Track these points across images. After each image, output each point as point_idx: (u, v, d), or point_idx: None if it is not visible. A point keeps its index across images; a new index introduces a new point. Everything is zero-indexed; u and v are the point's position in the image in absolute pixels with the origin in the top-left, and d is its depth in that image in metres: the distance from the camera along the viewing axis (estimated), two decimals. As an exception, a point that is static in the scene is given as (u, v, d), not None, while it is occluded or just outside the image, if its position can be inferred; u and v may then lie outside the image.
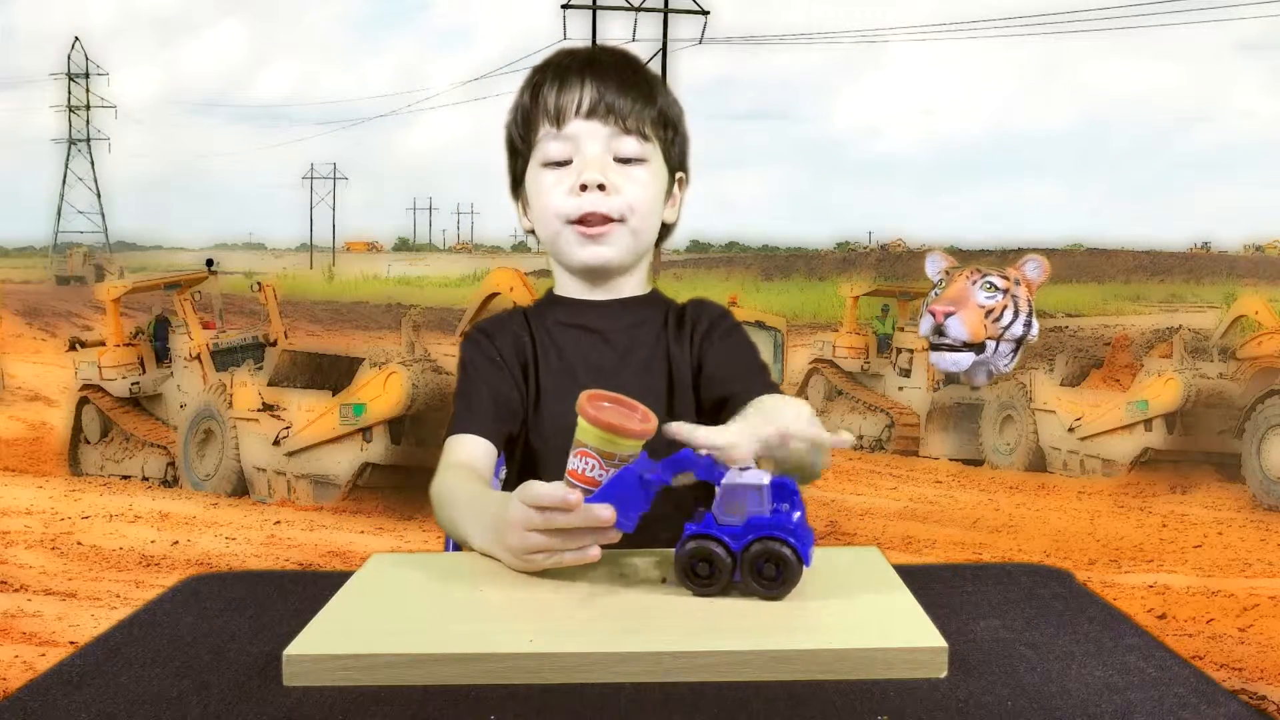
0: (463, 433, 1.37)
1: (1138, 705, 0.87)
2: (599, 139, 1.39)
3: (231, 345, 9.35)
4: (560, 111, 1.39)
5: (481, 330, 1.48)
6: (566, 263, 1.45)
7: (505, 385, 1.42)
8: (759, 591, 1.03)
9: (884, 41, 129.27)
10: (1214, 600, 5.88)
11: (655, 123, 1.42)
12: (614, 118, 1.39)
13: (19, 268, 42.15)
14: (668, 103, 1.45)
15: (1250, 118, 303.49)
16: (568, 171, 1.39)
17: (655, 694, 0.88)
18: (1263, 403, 8.89)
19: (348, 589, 1.11)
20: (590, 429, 1.10)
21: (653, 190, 1.43)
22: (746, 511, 1.03)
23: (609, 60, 1.44)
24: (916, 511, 8.41)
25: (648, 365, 1.45)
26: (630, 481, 1.04)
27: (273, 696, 0.90)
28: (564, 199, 1.39)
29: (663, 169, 1.45)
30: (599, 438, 1.09)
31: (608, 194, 1.38)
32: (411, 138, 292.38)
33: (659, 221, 1.47)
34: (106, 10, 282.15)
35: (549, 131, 1.40)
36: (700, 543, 1.04)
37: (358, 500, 8.25)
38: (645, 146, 1.41)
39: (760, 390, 1.36)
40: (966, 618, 1.06)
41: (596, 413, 1.09)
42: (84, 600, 5.81)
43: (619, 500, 1.04)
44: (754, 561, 1.03)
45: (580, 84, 1.39)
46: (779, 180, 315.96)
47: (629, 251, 1.43)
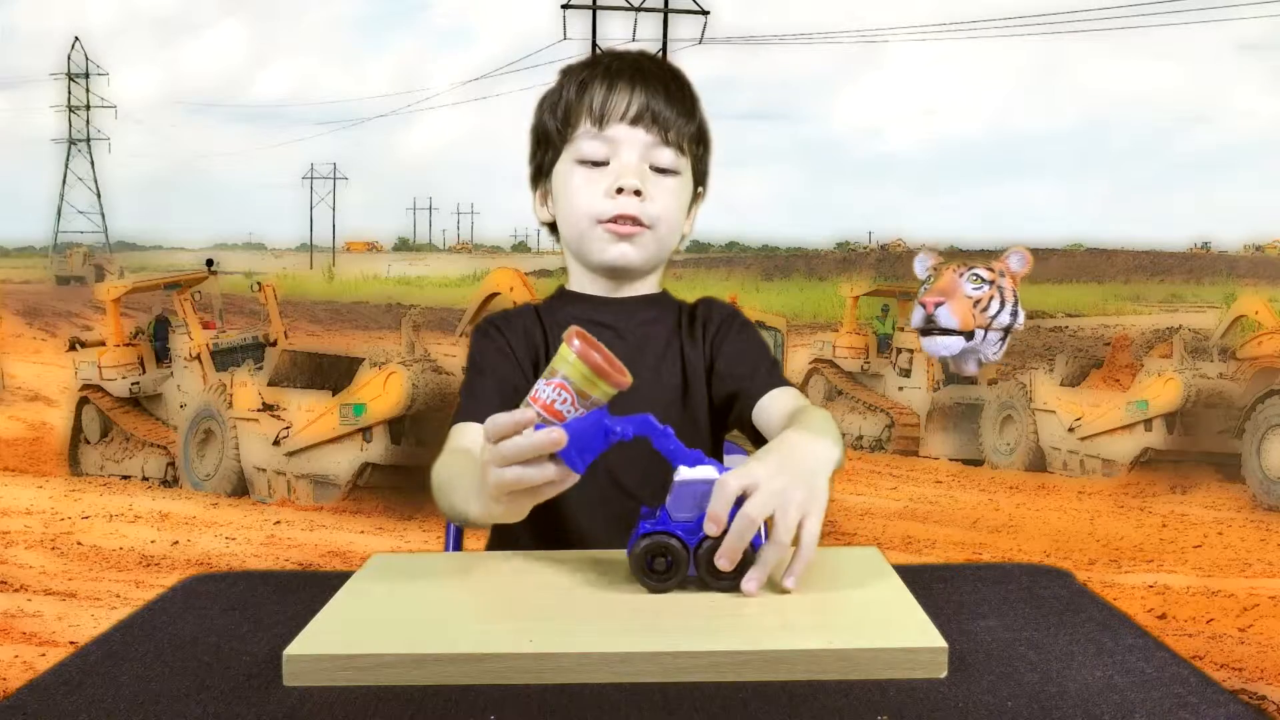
0: (467, 420, 1.37)
1: (1138, 705, 0.87)
2: (638, 146, 1.40)
3: (231, 345, 9.35)
4: (606, 113, 1.40)
5: (492, 323, 1.49)
6: (591, 260, 1.45)
7: (514, 376, 1.42)
8: (716, 585, 1.05)
9: (884, 41, 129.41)
10: (1214, 600, 5.88)
11: (692, 138, 1.45)
12: (657, 128, 1.40)
13: (19, 268, 42.14)
14: (704, 119, 1.48)
15: (1250, 118, 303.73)
16: (603, 173, 1.40)
17: (655, 694, 0.88)
18: (1263, 403, 8.89)
19: (348, 589, 1.11)
20: (577, 364, 1.06)
21: (680, 202, 1.45)
22: (699, 508, 1.04)
23: (657, 70, 1.45)
24: (916, 511, 8.41)
25: (661, 361, 1.46)
26: (596, 426, 1.03)
27: (273, 696, 0.90)
28: (598, 200, 1.40)
29: (689, 183, 1.47)
30: (582, 375, 1.06)
31: (642, 200, 1.39)
32: (411, 138, 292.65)
33: (680, 233, 1.48)
34: (106, 10, 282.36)
35: (589, 130, 1.41)
36: (656, 538, 1.05)
37: (358, 500, 8.25)
38: (680, 160, 1.43)
39: (770, 385, 1.39)
40: (966, 618, 1.06)
41: (588, 349, 1.06)
42: (84, 600, 5.81)
43: (582, 441, 1.02)
44: (708, 556, 1.04)
45: (630, 89, 1.41)
46: (779, 180, 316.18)
47: (652, 257, 1.45)
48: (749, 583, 1.03)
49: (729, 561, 1.03)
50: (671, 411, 1.43)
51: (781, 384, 1.42)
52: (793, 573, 1.04)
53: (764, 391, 1.40)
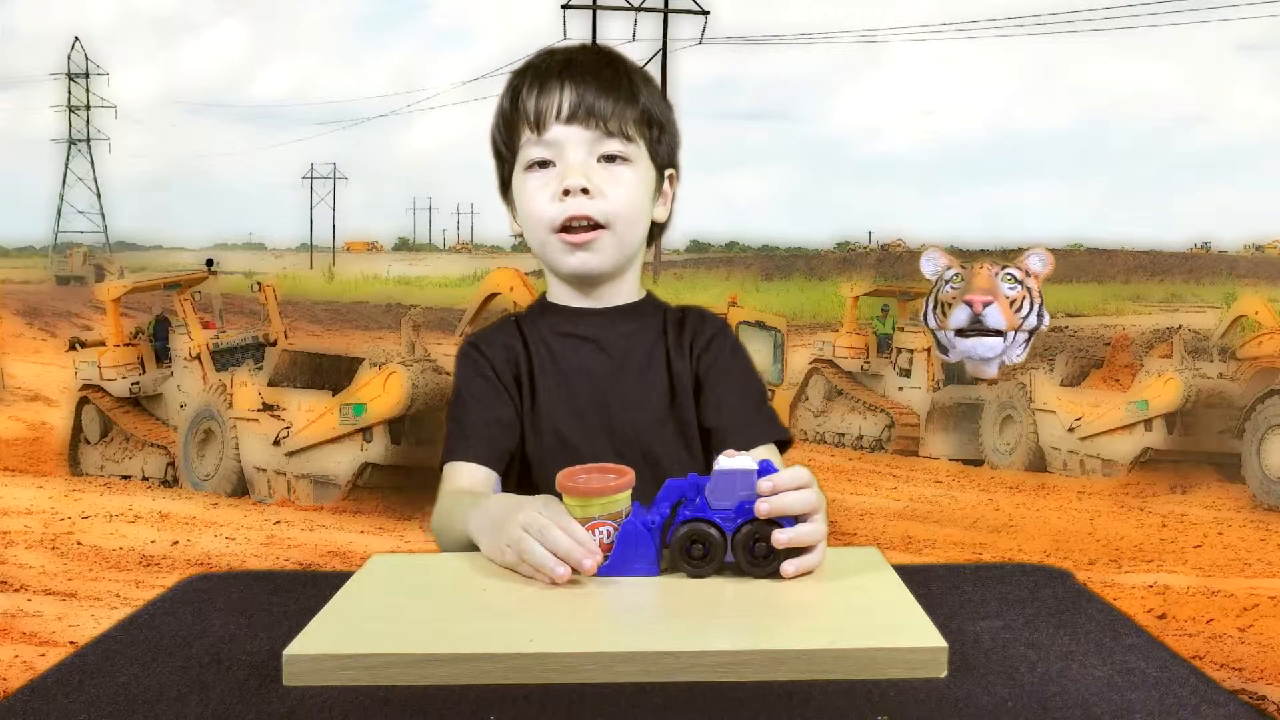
0: (459, 460, 1.37)
1: (1138, 705, 0.87)
2: (581, 143, 1.37)
3: (231, 345, 9.35)
4: (540, 117, 1.37)
5: (474, 345, 1.47)
6: (555, 270, 1.44)
7: (500, 404, 1.41)
8: (751, 571, 1.08)
9: (884, 41, 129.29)
10: (1214, 600, 5.88)
11: (639, 122, 1.40)
12: (595, 121, 1.37)
13: (19, 268, 42.10)
14: (652, 100, 1.42)
15: (1250, 118, 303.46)
16: (551, 175, 1.38)
17: (655, 694, 0.88)
18: (1263, 403, 8.89)
19: (348, 589, 1.11)
20: (589, 502, 1.10)
21: (639, 191, 1.41)
22: (737, 495, 1.08)
23: (588, 61, 1.41)
24: (916, 511, 8.41)
25: (644, 372, 1.44)
26: (636, 533, 1.10)
27: (273, 696, 0.90)
28: (547, 204, 1.38)
29: (649, 168, 1.43)
30: (600, 505, 1.11)
31: (592, 197, 1.36)
32: (411, 138, 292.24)
33: (648, 223, 1.45)
34: (106, 10, 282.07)
35: (530, 138, 1.38)
36: (694, 525, 1.08)
37: (358, 500, 8.25)
38: (629, 147, 1.39)
39: (755, 439, 1.38)
40: (966, 618, 1.06)
41: (581, 486, 1.11)
42: (84, 600, 5.82)
43: (634, 553, 1.09)
44: (746, 542, 1.07)
45: (559, 87, 1.37)
46: (779, 180, 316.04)
47: (616, 258, 1.42)
48: (789, 565, 1.07)
49: (770, 508, 1.06)
50: (660, 422, 1.42)
51: (766, 438, 1.40)
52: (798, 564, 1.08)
53: (745, 443, 1.34)
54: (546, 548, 1.06)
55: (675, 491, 1.10)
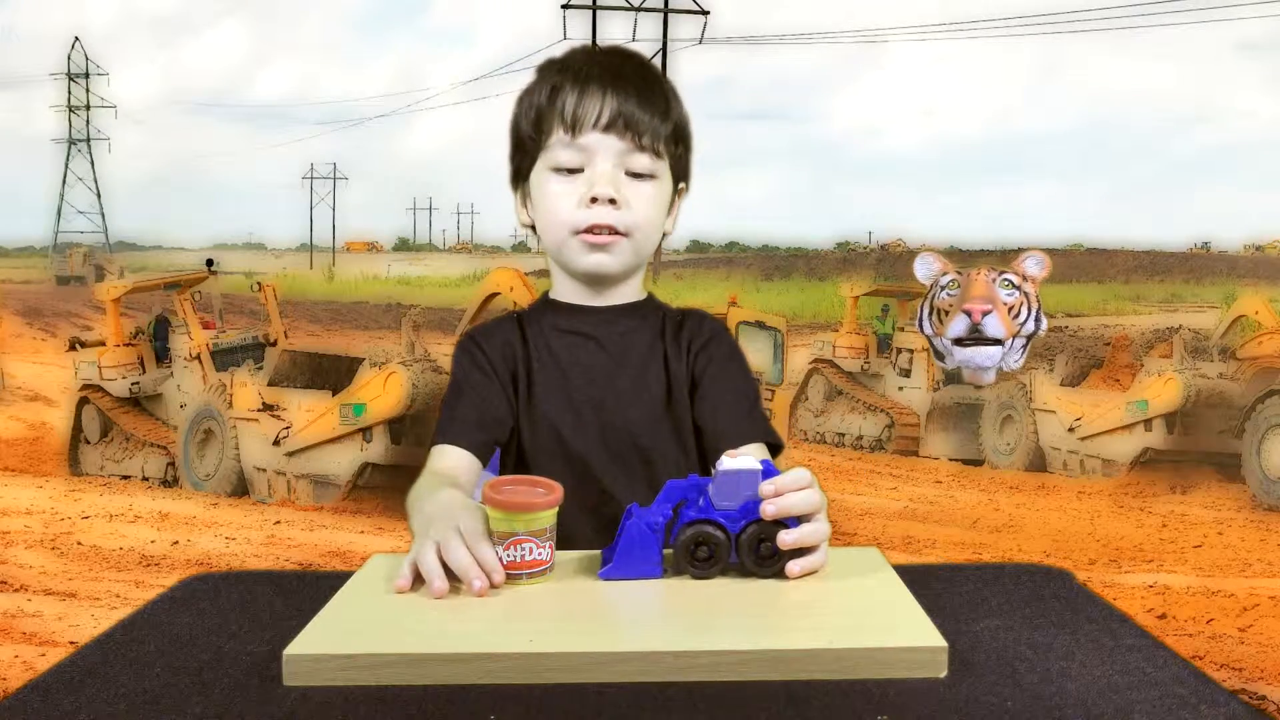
0: (446, 443, 1.39)
1: (1138, 705, 0.87)
2: (612, 153, 1.38)
3: (231, 345, 9.35)
4: (578, 121, 1.38)
5: (472, 338, 1.48)
6: (569, 268, 1.45)
7: (493, 396, 1.42)
8: (757, 572, 1.08)
9: (884, 41, 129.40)
10: (1214, 600, 5.88)
11: (669, 139, 1.42)
12: (631, 134, 1.38)
13: (19, 268, 42.08)
14: (681, 117, 1.45)
15: (1250, 118, 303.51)
16: (578, 181, 1.39)
17: (655, 694, 0.88)
18: (1263, 403, 8.89)
19: (348, 589, 1.11)
20: (513, 517, 1.09)
21: (658, 206, 1.44)
22: (742, 496, 1.08)
23: (630, 71, 1.42)
24: (916, 511, 8.42)
25: (642, 371, 1.45)
26: (640, 534, 1.09)
27: (273, 696, 0.90)
28: (573, 210, 1.39)
29: (669, 183, 1.45)
30: (524, 522, 1.09)
31: (618, 207, 1.38)
32: (411, 138, 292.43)
33: (660, 235, 1.47)
34: (106, 10, 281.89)
35: (562, 138, 1.39)
36: (699, 527, 1.08)
37: (358, 500, 8.26)
38: (656, 163, 1.41)
39: (746, 437, 1.38)
40: (966, 618, 1.06)
41: (505, 499, 1.09)
42: (84, 600, 5.82)
43: (639, 554, 1.09)
44: (751, 543, 1.08)
45: (601, 95, 1.38)
46: (779, 180, 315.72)
47: (630, 263, 1.44)
48: (794, 565, 1.08)
49: (776, 509, 1.07)
50: (655, 419, 1.43)
51: (758, 437, 1.41)
52: (804, 564, 1.09)
53: (738, 443, 1.35)
54: (445, 561, 1.06)
55: (676, 492, 1.10)
